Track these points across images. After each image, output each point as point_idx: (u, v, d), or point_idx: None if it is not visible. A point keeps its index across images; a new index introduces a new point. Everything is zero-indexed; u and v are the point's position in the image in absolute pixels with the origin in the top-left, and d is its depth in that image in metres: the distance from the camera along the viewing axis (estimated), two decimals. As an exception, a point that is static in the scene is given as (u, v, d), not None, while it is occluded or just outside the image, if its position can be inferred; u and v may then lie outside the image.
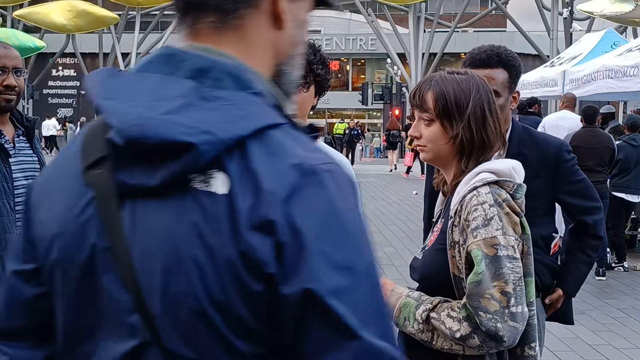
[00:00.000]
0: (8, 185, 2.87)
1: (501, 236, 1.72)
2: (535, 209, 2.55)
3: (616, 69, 9.43)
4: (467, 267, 1.76)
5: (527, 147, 2.61)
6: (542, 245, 2.65)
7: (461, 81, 1.88)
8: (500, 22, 47.06)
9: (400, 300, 1.86)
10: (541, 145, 2.65)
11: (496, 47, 2.66)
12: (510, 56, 2.62)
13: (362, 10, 34.95)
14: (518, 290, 1.71)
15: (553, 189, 2.66)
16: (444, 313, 1.76)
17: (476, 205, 1.76)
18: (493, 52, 2.60)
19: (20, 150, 3.02)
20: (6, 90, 2.93)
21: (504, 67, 2.59)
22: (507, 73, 2.59)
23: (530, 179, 2.55)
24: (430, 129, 1.90)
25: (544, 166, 2.61)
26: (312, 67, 2.41)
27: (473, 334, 1.70)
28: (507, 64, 2.60)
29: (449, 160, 1.91)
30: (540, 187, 2.56)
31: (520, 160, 2.55)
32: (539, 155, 2.61)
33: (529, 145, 2.62)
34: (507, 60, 2.60)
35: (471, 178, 1.83)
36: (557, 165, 2.64)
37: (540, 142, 2.66)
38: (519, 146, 2.60)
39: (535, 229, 2.58)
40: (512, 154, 2.57)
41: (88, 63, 39.45)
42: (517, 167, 1.89)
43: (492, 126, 1.87)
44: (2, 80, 2.92)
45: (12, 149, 2.97)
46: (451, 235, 1.82)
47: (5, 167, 2.88)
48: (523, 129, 2.69)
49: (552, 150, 2.65)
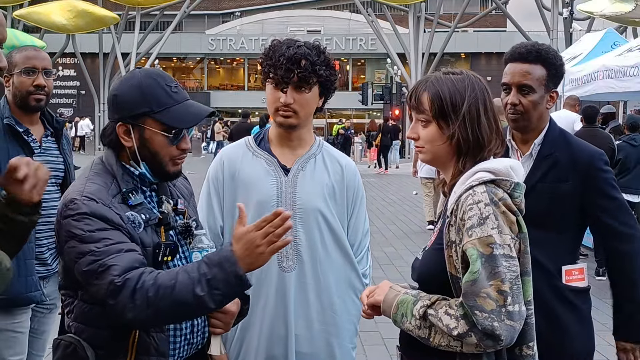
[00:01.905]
0: None
1: (497, 235, 1.72)
2: (559, 214, 2.54)
3: (616, 69, 9.43)
4: (463, 266, 1.76)
5: (559, 150, 2.57)
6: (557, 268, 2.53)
7: (456, 81, 1.89)
8: (500, 22, 47.06)
9: (397, 297, 1.87)
10: (574, 150, 2.57)
11: (539, 44, 2.65)
12: (551, 54, 2.60)
13: (362, 10, 34.94)
14: (515, 289, 1.70)
15: (582, 197, 2.54)
16: (441, 310, 1.76)
17: (471, 205, 1.75)
18: (533, 48, 2.59)
19: (46, 150, 3.11)
20: (36, 91, 3.03)
21: (543, 64, 2.56)
22: (546, 70, 2.57)
23: (558, 182, 2.53)
24: (427, 130, 1.90)
25: (573, 171, 2.53)
26: (315, 68, 2.41)
27: (470, 332, 1.70)
28: (546, 60, 2.57)
29: (447, 160, 1.92)
30: (568, 192, 2.52)
31: (551, 162, 2.55)
32: (570, 159, 2.55)
33: (562, 149, 2.57)
34: (547, 58, 2.57)
35: (468, 177, 1.83)
36: (588, 172, 2.53)
37: (573, 147, 2.59)
38: (551, 148, 2.58)
39: (557, 237, 2.53)
40: (543, 155, 2.58)
41: (88, 63, 39.45)
42: (515, 165, 1.89)
43: (487, 125, 1.87)
44: (33, 80, 3.03)
45: (38, 148, 3.04)
46: (448, 234, 1.82)
47: None
48: (560, 131, 2.64)
49: (585, 156, 2.56)
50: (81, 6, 32.79)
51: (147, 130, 1.94)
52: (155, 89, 1.93)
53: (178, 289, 1.77)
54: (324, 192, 2.52)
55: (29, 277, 2.95)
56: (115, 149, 2.00)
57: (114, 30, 36.98)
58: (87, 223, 1.83)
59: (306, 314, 2.50)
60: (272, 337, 2.47)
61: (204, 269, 1.80)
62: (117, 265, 1.78)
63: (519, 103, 2.57)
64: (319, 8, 52.41)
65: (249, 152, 2.57)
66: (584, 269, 2.61)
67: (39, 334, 3.19)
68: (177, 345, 1.98)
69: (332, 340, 2.54)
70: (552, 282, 2.52)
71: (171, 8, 38.40)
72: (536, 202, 2.48)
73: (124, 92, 1.95)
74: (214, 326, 2.05)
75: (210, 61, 48.26)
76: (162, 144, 1.95)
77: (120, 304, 1.77)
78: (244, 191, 2.50)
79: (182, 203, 2.09)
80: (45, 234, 3.04)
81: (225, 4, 54.86)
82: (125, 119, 1.94)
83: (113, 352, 1.90)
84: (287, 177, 2.51)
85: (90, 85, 38.69)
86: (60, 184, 3.14)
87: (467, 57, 43.95)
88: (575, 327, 2.56)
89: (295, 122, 2.47)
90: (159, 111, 1.92)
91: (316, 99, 2.50)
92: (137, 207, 1.92)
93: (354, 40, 45.02)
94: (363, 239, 2.63)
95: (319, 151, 2.58)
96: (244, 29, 48.63)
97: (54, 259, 3.12)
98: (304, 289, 2.49)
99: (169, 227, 1.98)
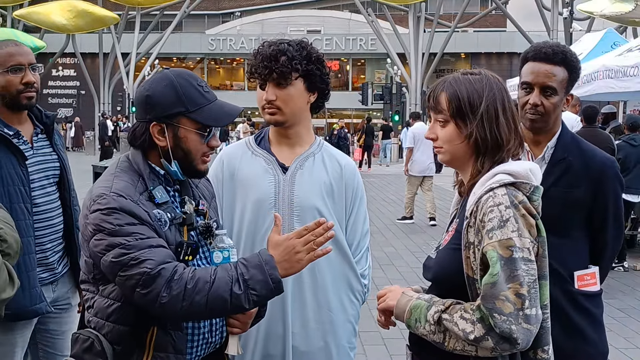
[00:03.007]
0: (25, 188, 2.79)
1: (517, 238, 1.71)
2: (571, 220, 2.53)
3: (616, 69, 9.43)
4: (481, 268, 1.76)
5: (572, 155, 2.55)
6: (568, 272, 2.53)
7: (474, 81, 1.88)
8: (500, 22, 47.04)
9: (410, 302, 1.86)
10: (586, 156, 2.56)
11: (562, 45, 2.61)
12: (574, 57, 2.57)
13: (362, 10, 34.95)
14: (532, 293, 1.70)
15: (594, 202, 2.54)
16: (456, 314, 1.75)
17: (492, 207, 1.75)
18: (559, 49, 2.55)
19: (39, 149, 2.92)
20: (26, 88, 2.82)
21: (566, 67, 2.53)
22: (568, 73, 2.54)
23: (570, 188, 2.51)
24: (445, 129, 1.90)
25: (586, 177, 2.52)
26: (293, 63, 2.41)
27: (487, 336, 1.69)
28: (570, 64, 2.54)
29: (465, 160, 1.91)
30: (580, 198, 2.51)
31: (563, 168, 2.53)
32: (583, 164, 2.53)
33: (575, 153, 2.55)
34: (571, 61, 2.55)
35: (488, 179, 1.82)
36: (601, 179, 2.53)
37: (586, 152, 2.57)
38: (564, 152, 2.56)
39: (569, 242, 2.52)
40: (556, 159, 2.55)
41: (88, 63, 39.47)
42: (534, 169, 1.87)
43: (506, 124, 1.86)
44: (21, 78, 2.81)
45: (30, 150, 2.87)
46: (466, 236, 1.81)
47: (21, 170, 2.79)
48: (572, 136, 2.62)
49: (597, 162, 2.55)
50: (81, 6, 32.82)
51: (182, 129, 1.98)
52: (189, 89, 1.98)
53: (216, 285, 1.84)
54: (322, 191, 2.52)
55: (33, 290, 2.81)
56: (143, 148, 2.02)
57: (114, 30, 37.00)
58: (116, 217, 1.86)
59: (302, 312, 2.49)
60: (270, 336, 2.47)
61: (242, 269, 1.87)
62: (151, 259, 1.83)
63: (541, 104, 2.53)
64: (319, 8, 52.40)
65: (249, 151, 2.57)
66: (595, 273, 2.59)
67: (59, 334, 3.06)
68: (195, 343, 2.01)
69: (329, 339, 2.53)
70: (565, 287, 2.51)
71: (171, 8, 38.41)
72: (549, 207, 2.48)
73: (157, 93, 1.98)
74: (232, 326, 2.08)
75: (210, 61, 48.27)
76: (195, 142, 2.00)
77: (152, 293, 1.81)
78: (243, 189, 2.50)
79: (204, 204, 2.12)
80: (49, 237, 2.92)
81: (225, 4, 54.85)
82: (159, 119, 1.97)
83: (130, 348, 1.93)
84: (285, 176, 2.50)
85: (90, 85, 38.71)
86: (58, 182, 2.98)
87: (467, 57, 43.95)
88: (589, 331, 2.56)
89: (280, 118, 2.46)
90: (193, 110, 1.97)
91: (303, 95, 2.48)
92: (162, 206, 1.96)
93: (354, 40, 45.03)
94: (362, 239, 2.62)
95: (318, 150, 2.58)
96: (244, 29, 48.62)
97: (59, 262, 2.98)
98: (301, 287, 2.49)
99: (191, 227, 2.02)
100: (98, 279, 1.95)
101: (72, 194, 3.04)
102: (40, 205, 2.88)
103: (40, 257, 2.88)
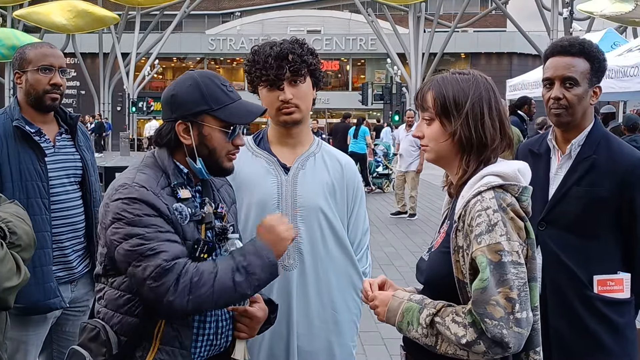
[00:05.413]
0: (43, 184, 2.85)
1: (505, 242, 1.71)
2: (593, 220, 2.46)
3: (616, 69, 9.42)
4: (471, 272, 1.76)
5: (599, 152, 2.49)
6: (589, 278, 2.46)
7: (461, 80, 1.89)
8: (500, 22, 47.06)
9: (402, 304, 1.86)
10: (614, 153, 2.48)
11: (581, 38, 2.60)
12: (593, 48, 2.54)
13: (362, 10, 34.96)
14: (523, 296, 1.70)
15: (621, 202, 2.45)
16: (448, 318, 1.75)
17: (480, 211, 1.74)
18: (576, 41, 2.55)
19: (61, 148, 3.00)
20: (52, 89, 2.92)
21: (586, 57, 2.50)
22: (589, 64, 2.50)
23: (593, 186, 2.45)
24: (431, 127, 1.91)
25: (611, 176, 2.45)
26: (303, 58, 2.43)
27: (479, 340, 1.69)
28: (589, 54, 2.51)
29: (450, 159, 1.92)
30: (603, 198, 2.44)
31: (588, 165, 2.48)
32: (609, 162, 2.46)
33: (602, 151, 2.49)
34: (590, 51, 2.51)
35: (476, 182, 1.82)
36: (628, 179, 2.44)
37: (614, 150, 2.49)
38: (591, 149, 2.51)
39: (589, 244, 2.45)
40: (582, 156, 2.52)
41: (88, 63, 39.47)
42: (523, 168, 1.87)
43: (491, 124, 1.86)
44: (49, 78, 2.92)
45: (51, 148, 2.95)
46: (455, 240, 1.81)
47: (40, 165, 2.86)
48: (603, 133, 2.56)
49: (625, 161, 2.46)
50: (81, 6, 32.80)
51: (206, 127, 2.03)
52: (213, 88, 2.03)
53: (219, 276, 1.91)
54: (325, 190, 2.52)
55: (47, 284, 2.84)
56: (169, 147, 2.07)
57: (114, 30, 37.01)
58: (136, 207, 1.90)
59: (307, 311, 2.50)
60: (274, 335, 2.47)
61: (239, 257, 1.95)
62: (168, 251, 1.88)
63: (563, 97, 2.50)
64: (319, 8, 52.41)
65: (249, 152, 2.56)
66: (623, 280, 2.47)
67: (75, 336, 2.98)
68: (199, 344, 2.04)
69: (332, 338, 2.54)
70: (582, 290, 2.46)
71: (171, 8, 38.42)
72: (569, 206, 2.47)
73: (183, 92, 2.03)
74: (240, 330, 2.12)
75: (210, 61, 48.27)
76: (220, 140, 2.04)
77: (163, 286, 1.86)
78: (245, 191, 2.49)
79: (223, 207, 2.16)
80: (68, 235, 2.94)
81: (225, 4, 54.86)
82: (185, 117, 2.02)
83: (137, 340, 1.96)
84: (287, 176, 2.51)
85: (90, 85, 38.72)
86: (80, 182, 3.02)
87: (467, 57, 43.95)
88: (606, 339, 2.46)
89: (299, 116, 2.47)
90: (218, 108, 2.02)
91: (311, 90, 2.51)
92: (184, 201, 2.01)
93: (354, 40, 45.02)
94: (363, 238, 2.64)
95: (318, 150, 2.59)
96: (244, 29, 48.64)
97: (80, 262, 3.00)
98: (305, 287, 2.49)
99: (210, 226, 2.05)
100: (108, 269, 1.99)
101: (94, 195, 3.07)
102: (59, 203, 2.92)
103: (58, 254, 2.92)
